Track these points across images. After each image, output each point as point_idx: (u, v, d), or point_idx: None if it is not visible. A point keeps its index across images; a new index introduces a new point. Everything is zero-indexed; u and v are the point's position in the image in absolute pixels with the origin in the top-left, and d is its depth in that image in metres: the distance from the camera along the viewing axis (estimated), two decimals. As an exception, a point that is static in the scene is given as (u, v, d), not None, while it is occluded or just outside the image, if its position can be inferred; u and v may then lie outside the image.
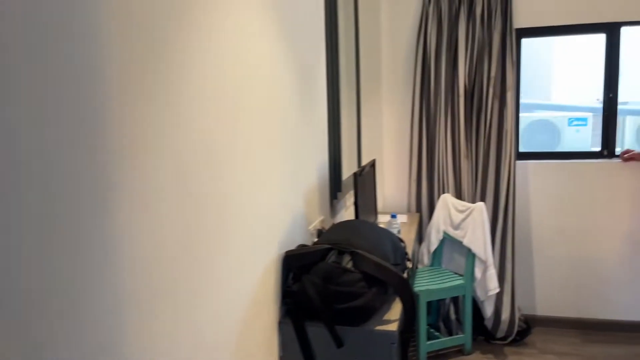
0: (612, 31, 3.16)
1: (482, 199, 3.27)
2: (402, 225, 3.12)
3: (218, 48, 1.28)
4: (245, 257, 1.47)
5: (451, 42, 3.24)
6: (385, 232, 1.95)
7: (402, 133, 3.47)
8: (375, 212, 2.94)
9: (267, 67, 1.63)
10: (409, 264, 2.03)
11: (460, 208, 3.12)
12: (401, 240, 2.05)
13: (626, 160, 3.14)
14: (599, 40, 7.38)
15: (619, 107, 6.69)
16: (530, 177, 3.32)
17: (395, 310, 1.77)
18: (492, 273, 2.96)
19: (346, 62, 2.77)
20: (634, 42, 6.62)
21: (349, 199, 2.98)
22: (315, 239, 2.22)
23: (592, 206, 3.25)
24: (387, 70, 3.45)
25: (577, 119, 5.54)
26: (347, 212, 2.98)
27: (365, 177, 2.54)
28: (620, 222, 3.22)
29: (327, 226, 2.42)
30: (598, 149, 6.34)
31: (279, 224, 1.77)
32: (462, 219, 3.09)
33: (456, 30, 3.22)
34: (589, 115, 5.60)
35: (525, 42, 3.33)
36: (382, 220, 3.23)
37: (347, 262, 1.69)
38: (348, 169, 2.84)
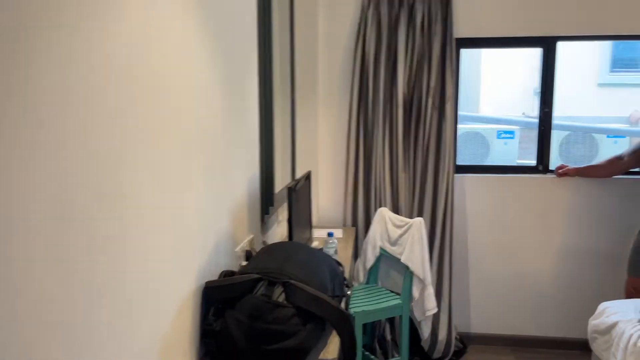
0: (548, 45, 3.14)
1: (420, 214, 3.15)
2: (337, 241, 2.92)
3: (122, 42, 1.00)
4: (153, 292, 1.19)
5: (390, 49, 3.10)
6: (323, 257, 1.73)
7: (338, 143, 3.29)
8: (310, 227, 2.72)
9: (184, 67, 1.37)
10: (349, 291, 1.82)
11: (398, 223, 2.97)
12: (339, 264, 1.84)
13: (560, 175, 3.13)
14: (527, 53, 7.58)
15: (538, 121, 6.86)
16: (467, 192, 3.24)
17: (332, 349, 1.55)
18: (430, 292, 2.82)
19: (280, 68, 2.54)
20: (560, 54, 6.84)
21: (281, 213, 2.75)
22: (243, 262, 1.96)
23: (527, 221, 3.21)
24: (323, 77, 3.26)
25: (506, 132, 5.63)
26: (279, 228, 2.74)
27: (300, 192, 2.32)
28: (554, 237, 3.21)
29: (257, 246, 2.17)
30: (524, 161, 6.46)
31: (198, 248, 1.51)
32: (400, 234, 2.94)
33: (396, 37, 3.08)
34: (516, 128, 5.72)
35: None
36: (318, 235, 3.02)
37: (279, 295, 1.45)
38: (281, 181, 2.61)
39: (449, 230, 3.10)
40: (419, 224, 2.84)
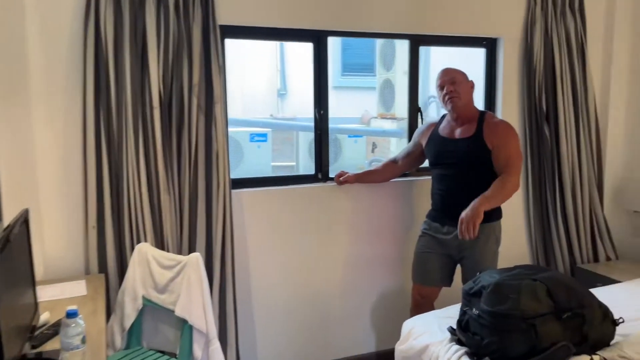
0: (319, 40, 2.83)
1: (192, 247, 2.48)
2: (81, 302, 2.04)
3: None
4: None
5: (137, 34, 2.34)
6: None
7: (69, 161, 2.36)
8: (32, 288, 1.79)
9: None
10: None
11: (167, 263, 2.25)
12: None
13: (341, 183, 2.86)
14: (269, 53, 7.42)
15: (291, 123, 6.80)
16: (246, 210, 2.72)
17: None
18: (217, 347, 2.19)
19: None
20: (297, 57, 6.88)
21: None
22: None
23: (313, 236, 2.87)
24: (38, 70, 2.28)
25: (258, 135, 5.35)
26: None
27: (10, 253, 1.41)
28: (342, 249, 2.94)
29: None
30: (278, 163, 6.29)
31: None
32: (171, 278, 2.23)
33: (143, 19, 2.34)
34: (268, 130, 5.49)
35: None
36: (48, 296, 2.07)
37: None
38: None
39: (230, 261, 2.53)
40: (196, 262, 2.18)
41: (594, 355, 1.84)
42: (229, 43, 2.70)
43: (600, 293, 2.15)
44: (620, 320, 1.95)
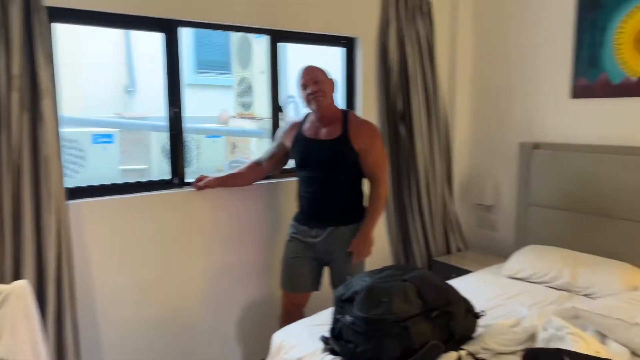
0: (170, 31, 2.55)
1: (17, 272, 2.05)
2: None
3: None
4: None
5: None
6: None
7: None
8: None
9: None
10: None
11: (-18, 295, 1.82)
12: None
13: (201, 188, 2.62)
14: (115, 39, 6.75)
15: (141, 122, 6.26)
16: (88, 223, 2.34)
17: None
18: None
19: None
20: (147, 49, 6.35)
21: None
22: None
23: (170, 247, 2.58)
24: None
25: (102, 135, 4.84)
26: None
27: None
28: (202, 260, 2.69)
29: None
30: (128, 166, 5.76)
31: None
32: (-12, 313, 1.81)
33: (-61, -9, 1.87)
34: (115, 130, 4.99)
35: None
36: None
37: None
38: None
39: (68, 285, 2.14)
40: (22, 290, 1.78)
41: (461, 351, 1.87)
42: (60, 29, 2.30)
43: (456, 284, 2.22)
44: (482, 314, 2.02)
